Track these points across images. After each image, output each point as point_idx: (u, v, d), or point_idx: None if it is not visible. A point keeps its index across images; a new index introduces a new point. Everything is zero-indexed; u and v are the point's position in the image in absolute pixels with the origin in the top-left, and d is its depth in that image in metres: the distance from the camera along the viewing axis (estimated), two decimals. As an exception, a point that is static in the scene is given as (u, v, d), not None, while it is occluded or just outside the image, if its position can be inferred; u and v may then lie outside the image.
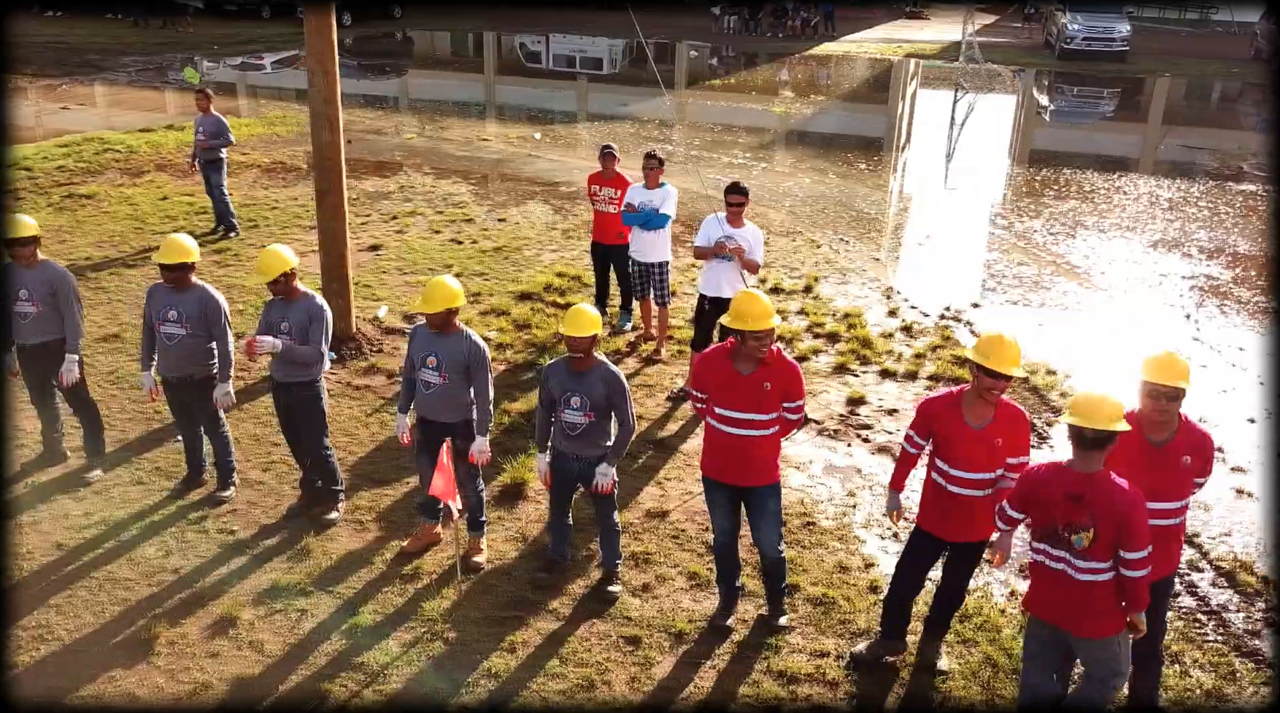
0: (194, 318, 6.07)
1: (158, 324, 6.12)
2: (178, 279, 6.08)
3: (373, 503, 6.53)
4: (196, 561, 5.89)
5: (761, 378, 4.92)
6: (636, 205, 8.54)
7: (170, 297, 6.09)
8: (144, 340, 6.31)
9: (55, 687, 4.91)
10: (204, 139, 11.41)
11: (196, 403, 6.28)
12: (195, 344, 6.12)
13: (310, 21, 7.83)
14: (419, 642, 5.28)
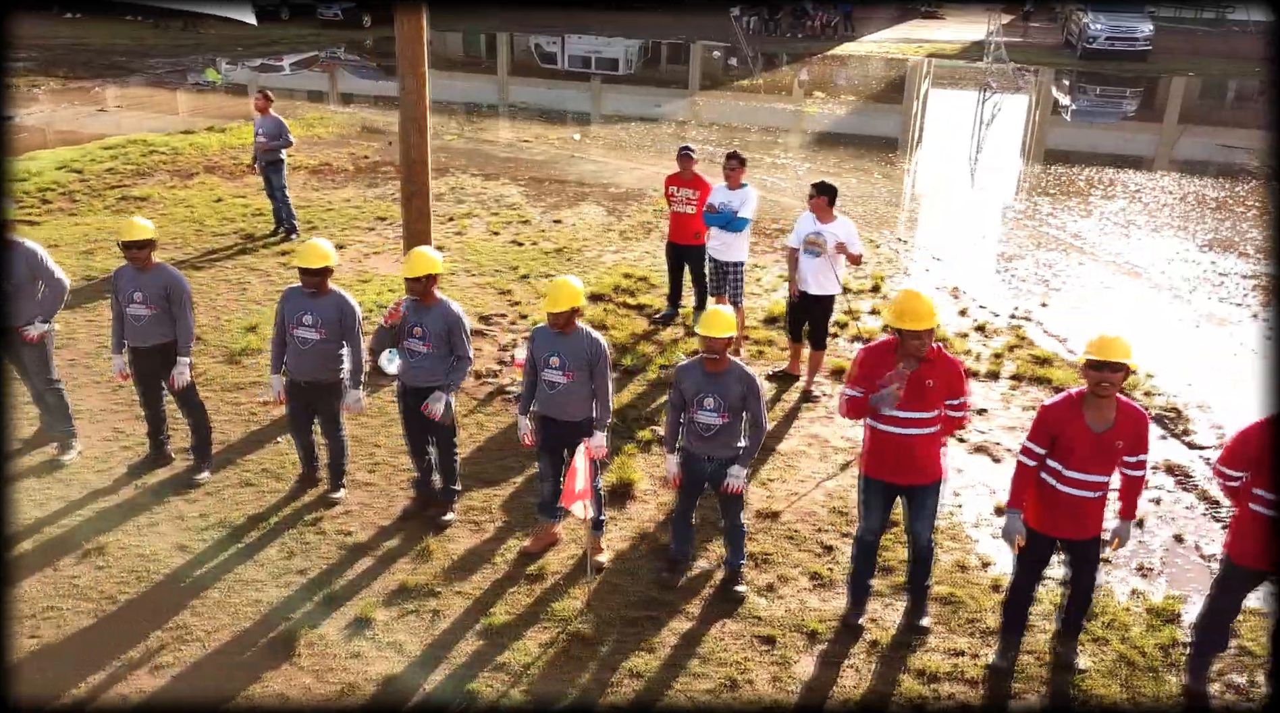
0: (331, 323, 6.09)
1: (291, 328, 6.13)
2: (317, 284, 6.09)
3: (485, 503, 6.55)
4: (320, 562, 5.91)
5: (924, 375, 4.94)
6: (717, 206, 8.57)
7: (306, 302, 6.11)
8: (274, 345, 6.33)
9: (203, 688, 4.94)
10: (264, 141, 11.43)
11: (323, 406, 6.30)
12: (328, 349, 6.14)
13: (401, 25, 7.85)
14: (556, 642, 5.31)
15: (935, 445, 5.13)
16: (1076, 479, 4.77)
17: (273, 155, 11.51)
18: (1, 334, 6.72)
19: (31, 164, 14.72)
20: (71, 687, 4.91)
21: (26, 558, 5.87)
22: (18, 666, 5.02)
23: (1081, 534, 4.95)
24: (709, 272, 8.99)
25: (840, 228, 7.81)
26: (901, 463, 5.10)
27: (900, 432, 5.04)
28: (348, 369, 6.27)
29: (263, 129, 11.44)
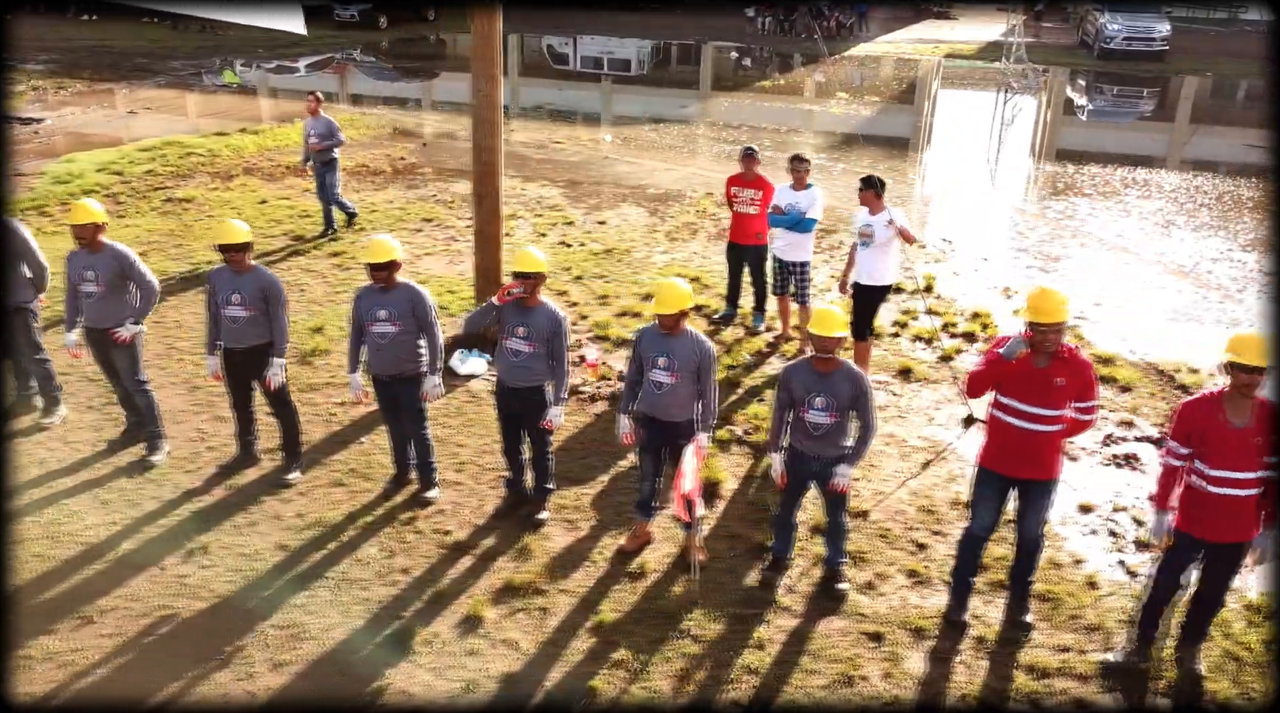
0: (405, 315, 6.16)
1: (368, 325, 6.19)
2: (386, 278, 6.16)
3: (576, 501, 6.61)
4: (422, 561, 5.97)
5: (1055, 373, 5.00)
6: (784, 207, 8.63)
7: (379, 297, 6.17)
8: (352, 344, 6.39)
9: (328, 685, 4.99)
10: (316, 141, 11.48)
11: (407, 400, 6.36)
12: (406, 341, 6.20)
13: (477, 26, 7.90)
14: (667, 639, 5.36)
15: (1057, 443, 5.18)
16: (1225, 478, 4.79)
17: (325, 155, 11.57)
18: (94, 335, 6.79)
19: (71, 167, 14.78)
20: (196, 683, 4.96)
21: (131, 557, 5.92)
22: (141, 663, 5.08)
23: (1233, 538, 4.93)
24: (773, 272, 9.05)
25: (891, 215, 7.93)
26: (1020, 456, 5.15)
27: (1023, 425, 5.08)
28: (427, 360, 6.32)
29: (314, 130, 11.50)
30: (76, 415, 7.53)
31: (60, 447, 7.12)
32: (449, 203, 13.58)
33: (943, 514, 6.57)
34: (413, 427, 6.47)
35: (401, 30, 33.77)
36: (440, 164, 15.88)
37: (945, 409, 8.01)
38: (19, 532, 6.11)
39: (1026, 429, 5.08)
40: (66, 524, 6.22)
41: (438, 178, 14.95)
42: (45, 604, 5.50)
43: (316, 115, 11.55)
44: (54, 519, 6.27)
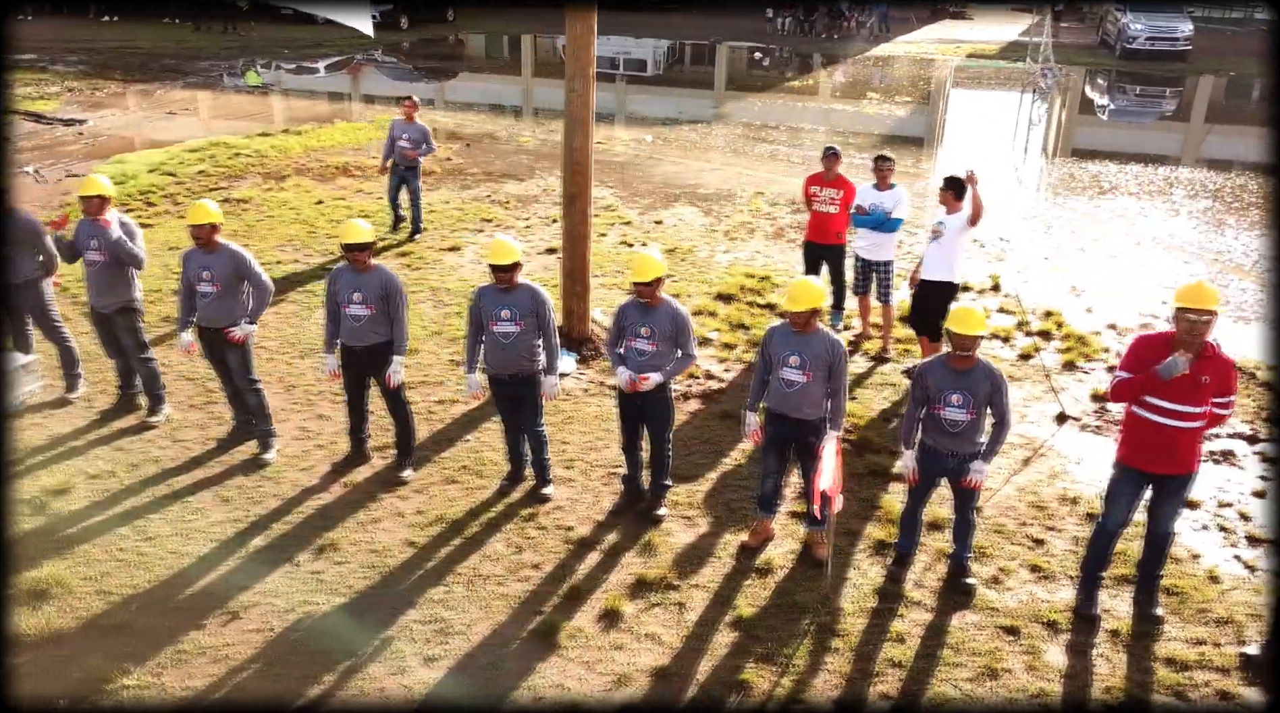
0: (528, 315, 6.23)
1: (490, 324, 6.26)
2: (509, 279, 6.23)
3: (689, 498, 6.68)
4: (551, 556, 6.04)
5: (1201, 371, 5.06)
6: (867, 207, 8.69)
7: (503, 297, 6.24)
8: (471, 342, 6.45)
9: (482, 679, 5.05)
10: (409, 146, 11.50)
11: (527, 397, 6.43)
12: (527, 340, 6.27)
13: (572, 27, 7.97)
14: (807, 633, 5.43)
15: (1197, 439, 5.25)
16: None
17: (412, 160, 11.60)
18: (208, 335, 6.85)
19: (122, 167, 14.83)
20: (350, 677, 5.02)
21: (262, 554, 5.99)
22: (293, 657, 5.15)
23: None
24: (855, 272, 9.11)
25: (963, 215, 8.01)
26: (1162, 452, 5.22)
27: (1168, 423, 5.14)
28: (544, 359, 6.39)
29: (408, 134, 11.51)
30: (180, 414, 7.60)
31: (170, 445, 7.18)
32: (504, 203, 13.64)
33: (1053, 510, 6.64)
34: (529, 425, 6.53)
35: (422, 31, 33.81)
36: (486, 165, 15.94)
37: (1035, 407, 8.08)
38: (147, 528, 6.18)
39: (1171, 426, 5.15)
40: (193, 521, 6.28)
41: (487, 178, 15.01)
42: (189, 600, 5.57)
43: (411, 120, 11.58)
44: (180, 516, 6.33)
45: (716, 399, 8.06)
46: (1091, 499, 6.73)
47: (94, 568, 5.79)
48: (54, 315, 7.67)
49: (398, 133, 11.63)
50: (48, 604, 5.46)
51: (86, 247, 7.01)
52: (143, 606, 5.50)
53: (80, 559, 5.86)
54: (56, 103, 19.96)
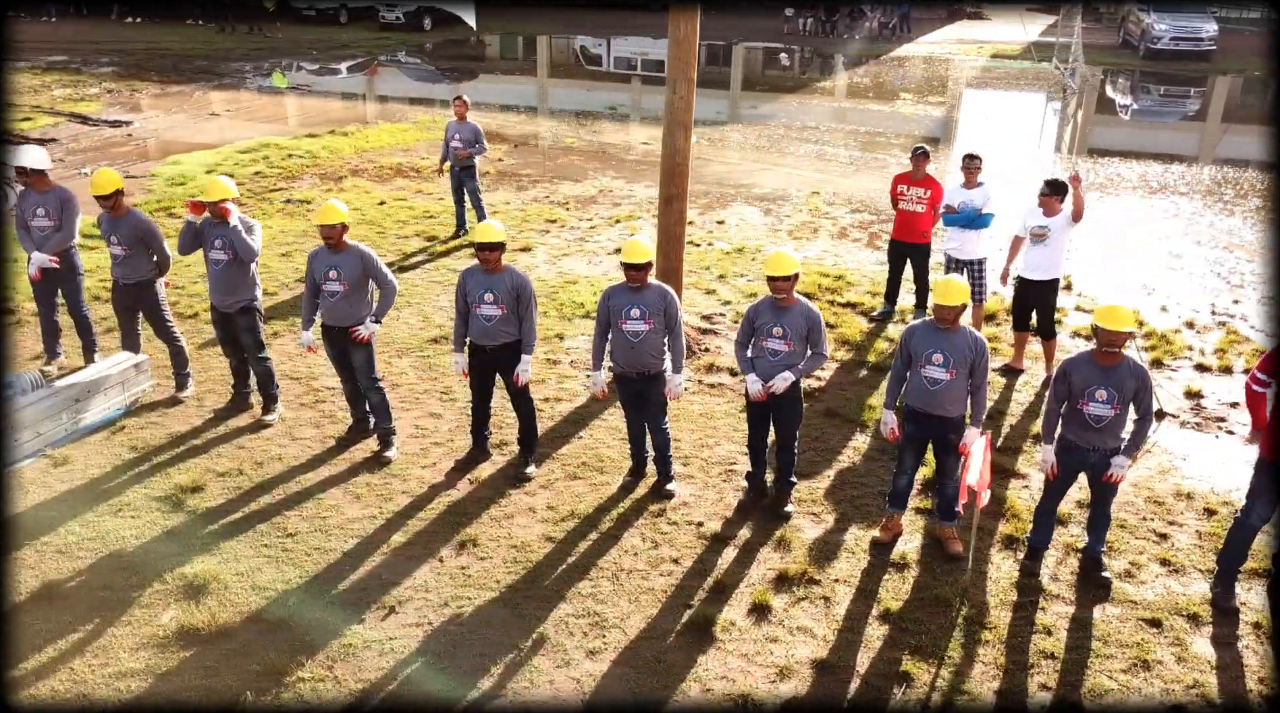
0: (658, 314, 6.31)
1: (620, 322, 6.34)
2: (641, 278, 6.32)
3: (810, 495, 6.77)
4: (687, 551, 6.12)
5: None
6: (956, 206, 8.78)
7: (634, 296, 6.33)
8: (599, 340, 6.53)
9: (647, 671, 5.14)
10: (461, 146, 11.59)
11: (653, 395, 6.51)
12: (656, 338, 6.35)
13: (675, 28, 8.05)
14: (955, 625, 5.52)
15: None
16: None
17: (468, 160, 11.68)
18: (332, 333, 6.94)
19: (179, 168, 14.92)
20: (518, 669, 5.10)
21: (405, 550, 6.07)
22: (459, 650, 5.23)
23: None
24: (945, 270, 9.19)
25: (1063, 217, 8.13)
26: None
27: None
28: (671, 357, 6.48)
29: (460, 134, 11.60)
30: (292, 413, 7.68)
31: (290, 443, 7.26)
32: (564, 204, 13.72)
33: (1171, 505, 6.73)
34: (654, 422, 6.62)
35: (445, 32, 33.87)
36: (538, 166, 16.02)
37: (1132, 404, 8.17)
38: (286, 525, 6.27)
39: None
40: (329, 517, 6.37)
41: (541, 179, 15.09)
42: (344, 595, 5.65)
43: (463, 120, 11.66)
44: (315, 513, 6.42)
45: (819, 397, 8.15)
46: (1205, 494, 6.83)
47: (243, 564, 5.88)
48: (166, 315, 7.76)
49: (451, 133, 11.71)
50: (207, 599, 5.54)
51: (211, 246, 7.09)
52: (300, 600, 5.58)
53: (228, 556, 5.95)
54: (98, 104, 20.02)
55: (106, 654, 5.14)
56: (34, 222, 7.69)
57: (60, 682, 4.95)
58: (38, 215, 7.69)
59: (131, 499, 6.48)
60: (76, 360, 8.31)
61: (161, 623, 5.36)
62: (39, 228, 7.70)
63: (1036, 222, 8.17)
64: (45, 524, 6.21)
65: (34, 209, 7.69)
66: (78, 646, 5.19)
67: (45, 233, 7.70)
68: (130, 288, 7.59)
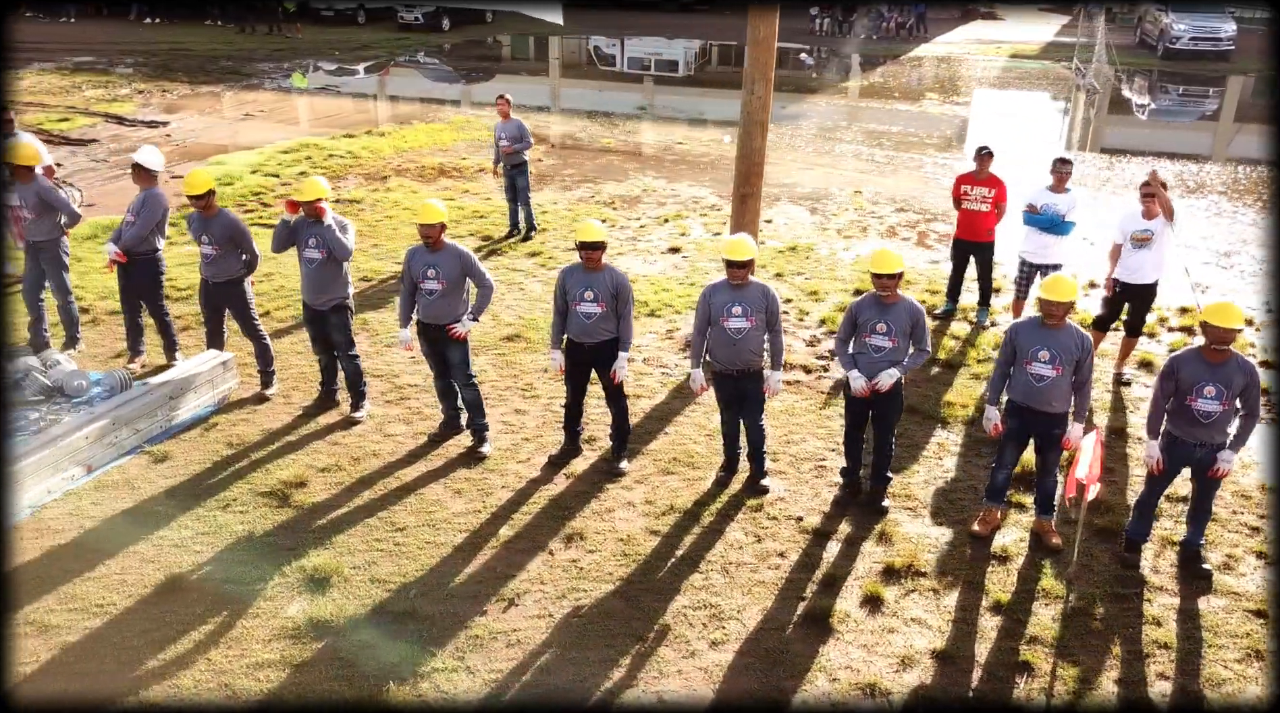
0: (759, 311, 6.41)
1: (723, 320, 6.43)
2: (743, 276, 6.41)
3: (903, 489, 6.86)
4: (791, 545, 6.22)
5: None
6: (1039, 207, 8.86)
7: (734, 294, 6.42)
8: (698, 337, 6.62)
9: (771, 661, 5.23)
10: (508, 144, 11.67)
11: (751, 392, 6.61)
12: (756, 336, 6.45)
13: (754, 28, 8.16)
14: (1063, 617, 5.61)
15: None
16: None
17: (517, 158, 11.77)
18: (430, 331, 7.03)
19: (224, 168, 15.00)
20: (645, 660, 5.20)
21: (514, 543, 6.17)
22: (584, 640, 5.32)
23: None
24: (1019, 274, 9.25)
25: (1159, 222, 8.21)
26: None
27: None
28: (770, 354, 6.58)
29: (505, 133, 11.68)
30: (379, 410, 7.77)
31: (383, 440, 7.36)
32: (610, 204, 13.81)
33: (1258, 499, 6.83)
34: (751, 419, 6.72)
35: (464, 33, 33.97)
36: (578, 166, 16.11)
37: (1204, 400, 8.26)
38: (393, 519, 6.36)
39: None
40: (435, 512, 6.46)
41: (585, 179, 15.18)
42: (462, 587, 5.74)
43: (508, 118, 11.75)
44: (420, 507, 6.51)
45: (895, 394, 8.24)
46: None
47: (358, 557, 5.97)
48: (254, 313, 7.85)
49: (498, 134, 11.79)
50: (330, 592, 5.64)
51: (305, 245, 7.19)
52: (420, 593, 5.67)
53: (342, 549, 6.04)
54: (131, 105, 20.10)
55: (241, 645, 5.23)
56: (127, 216, 7.83)
57: (200, 672, 5.04)
58: (127, 211, 7.82)
59: (237, 494, 6.57)
60: (158, 359, 8.41)
61: (289, 615, 5.44)
62: (127, 222, 7.83)
63: (1137, 226, 8.20)
64: (157, 519, 6.30)
65: (128, 206, 7.83)
66: (211, 637, 5.28)
67: (126, 227, 7.85)
68: (220, 287, 7.68)
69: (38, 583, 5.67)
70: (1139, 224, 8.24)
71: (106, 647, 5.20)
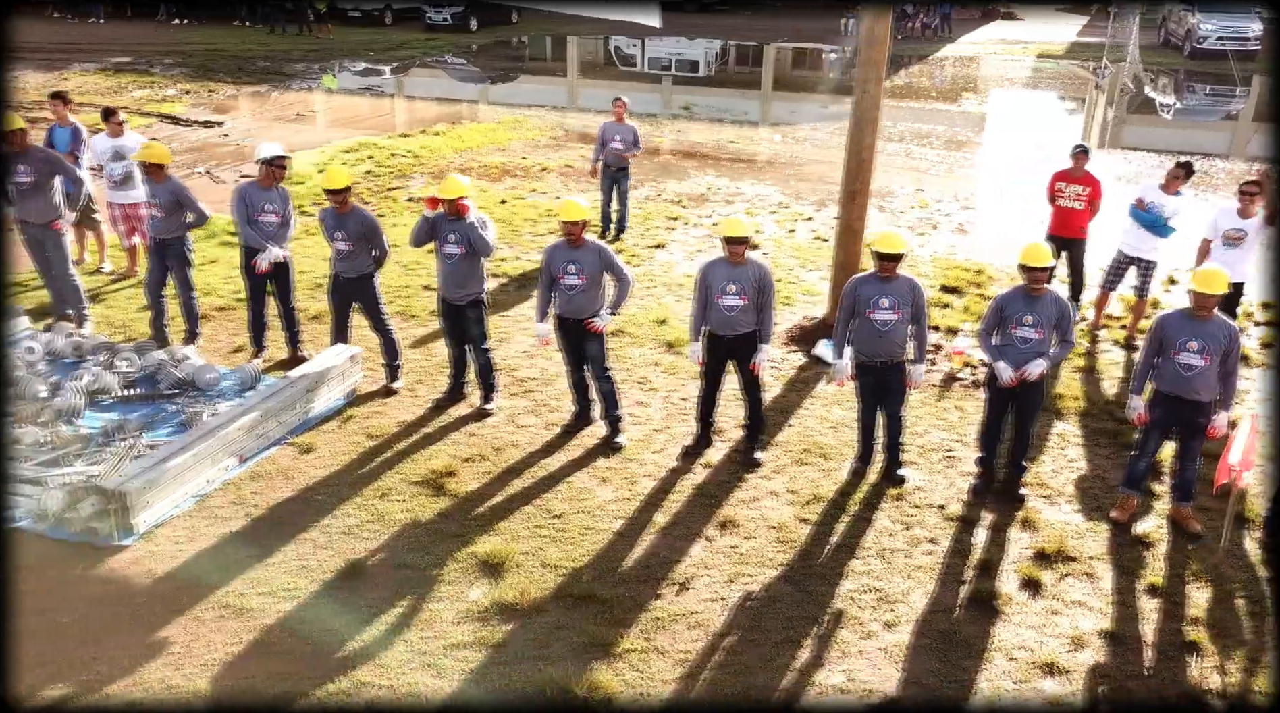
0: (906, 304, 6.57)
1: (868, 312, 6.60)
2: (891, 269, 6.57)
3: (1034, 478, 7.02)
4: (939, 532, 6.38)
5: None
6: (1148, 203, 9.03)
7: (883, 286, 6.58)
8: (842, 328, 6.78)
9: (945, 642, 5.40)
10: (621, 147, 11.81)
11: (894, 384, 6.77)
12: (902, 329, 6.61)
13: (868, 28, 8.32)
14: (1229, 597, 5.78)
15: None
16: None
17: (624, 160, 11.92)
18: (568, 325, 7.20)
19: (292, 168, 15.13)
20: (829, 643, 5.36)
21: (670, 530, 6.33)
22: (762, 622, 5.49)
23: None
24: (1111, 265, 9.42)
25: (1255, 222, 8.41)
26: None
27: None
28: (914, 347, 6.75)
29: (619, 135, 11.80)
30: (507, 402, 7.93)
31: (517, 430, 7.52)
32: (677, 202, 13.98)
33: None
34: (892, 410, 6.87)
35: (492, 33, 34.14)
36: (636, 164, 16.15)
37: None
38: (548, 506, 6.52)
39: None
40: (587, 499, 6.63)
41: (646, 178, 15.32)
42: (633, 571, 5.91)
43: (622, 121, 11.89)
44: (572, 495, 6.68)
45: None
46: None
47: (524, 543, 6.13)
48: (384, 308, 8.01)
49: (609, 134, 11.91)
50: (507, 576, 5.80)
51: (445, 241, 7.36)
52: (594, 577, 5.83)
53: (508, 535, 6.20)
54: (181, 105, 20.26)
55: (432, 628, 5.39)
56: (262, 217, 7.97)
57: (400, 653, 5.20)
58: (265, 211, 7.96)
59: (392, 484, 6.74)
60: (279, 352, 8.57)
61: (472, 599, 5.61)
62: (266, 223, 7.98)
63: (1231, 224, 8.37)
64: (319, 507, 6.46)
65: (261, 204, 7.97)
66: (403, 619, 5.44)
67: (273, 228, 7.98)
68: (352, 282, 7.85)
69: (220, 567, 5.83)
70: (1234, 222, 8.42)
71: (305, 628, 5.36)
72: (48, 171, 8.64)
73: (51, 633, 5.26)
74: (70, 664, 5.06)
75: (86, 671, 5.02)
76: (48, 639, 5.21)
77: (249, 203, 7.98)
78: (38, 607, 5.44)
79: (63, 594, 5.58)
